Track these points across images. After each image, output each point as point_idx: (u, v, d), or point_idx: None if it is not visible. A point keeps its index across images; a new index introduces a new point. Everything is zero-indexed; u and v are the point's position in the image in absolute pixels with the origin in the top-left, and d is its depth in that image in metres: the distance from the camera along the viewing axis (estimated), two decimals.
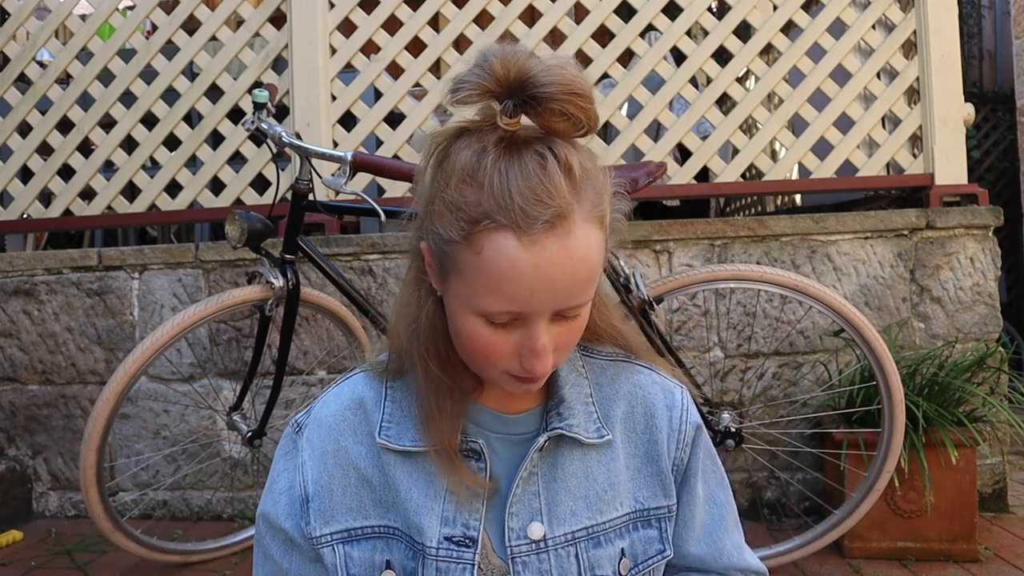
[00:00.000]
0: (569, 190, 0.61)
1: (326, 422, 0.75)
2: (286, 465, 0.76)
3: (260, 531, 0.77)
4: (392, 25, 2.54)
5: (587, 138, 0.66)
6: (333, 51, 2.55)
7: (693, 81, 2.57)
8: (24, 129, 2.67)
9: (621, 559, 0.72)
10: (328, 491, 0.72)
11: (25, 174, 2.69)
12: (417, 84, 2.58)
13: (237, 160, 2.58)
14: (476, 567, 0.69)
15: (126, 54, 2.65)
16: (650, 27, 2.50)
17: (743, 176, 2.54)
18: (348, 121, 2.61)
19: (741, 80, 2.89)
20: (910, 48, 2.48)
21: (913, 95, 2.48)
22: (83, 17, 2.74)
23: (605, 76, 2.53)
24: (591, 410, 0.75)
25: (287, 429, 0.78)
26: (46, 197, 2.71)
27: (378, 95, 2.58)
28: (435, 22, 2.55)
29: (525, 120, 0.63)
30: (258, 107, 1.78)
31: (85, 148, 2.66)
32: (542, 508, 0.72)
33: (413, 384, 0.74)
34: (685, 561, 0.79)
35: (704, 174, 2.66)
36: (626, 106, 2.69)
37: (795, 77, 2.47)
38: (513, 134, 0.63)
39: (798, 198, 3.60)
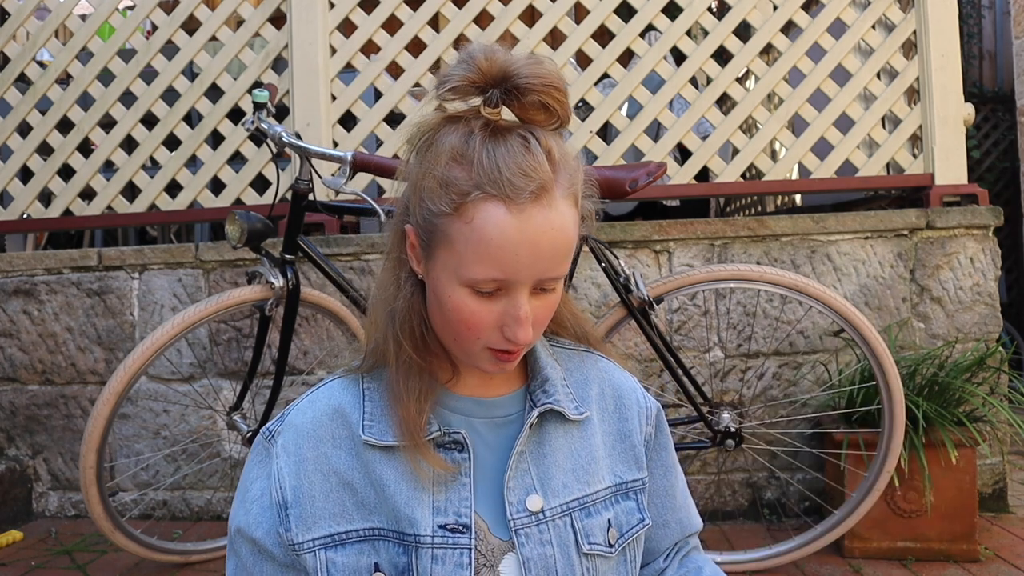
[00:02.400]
0: (550, 167, 0.67)
1: (304, 428, 0.75)
2: (259, 473, 0.76)
3: (234, 541, 0.77)
4: (392, 25, 2.54)
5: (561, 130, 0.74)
6: (333, 51, 2.55)
7: (693, 81, 2.57)
8: (24, 129, 2.67)
9: (609, 529, 0.77)
10: (309, 497, 0.72)
11: (25, 174, 2.69)
12: (417, 84, 2.57)
13: (237, 160, 2.58)
14: (472, 551, 0.71)
15: (126, 54, 2.65)
16: (650, 27, 2.50)
17: (743, 176, 2.54)
18: (348, 121, 2.61)
19: (741, 80, 2.89)
20: (910, 48, 2.49)
21: (913, 95, 2.48)
22: (83, 17, 2.74)
23: (605, 76, 2.53)
24: (568, 391, 0.81)
25: (258, 437, 0.77)
26: (46, 197, 2.71)
27: (378, 95, 2.58)
28: (435, 22, 2.55)
29: (506, 112, 0.69)
30: (258, 107, 1.78)
31: (85, 148, 2.66)
32: (535, 482, 0.76)
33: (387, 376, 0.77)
34: (680, 527, 0.88)
35: (704, 174, 2.66)
36: (626, 106, 2.69)
37: (795, 77, 2.47)
38: (496, 122, 0.69)
39: (798, 198, 3.60)
